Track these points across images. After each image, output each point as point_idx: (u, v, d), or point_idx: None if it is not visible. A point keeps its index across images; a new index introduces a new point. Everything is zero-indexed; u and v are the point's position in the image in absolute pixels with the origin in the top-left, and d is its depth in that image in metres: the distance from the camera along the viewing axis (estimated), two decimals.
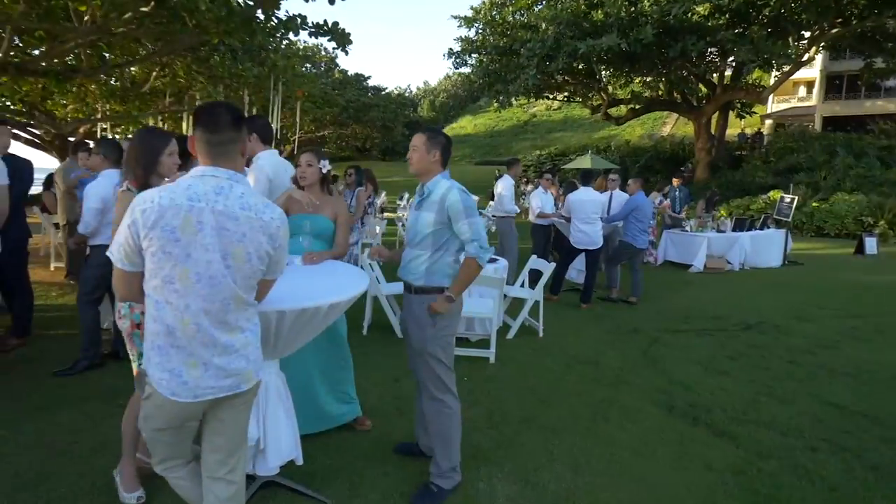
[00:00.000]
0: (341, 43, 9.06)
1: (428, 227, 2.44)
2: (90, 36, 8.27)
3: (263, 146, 3.47)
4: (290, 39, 14.86)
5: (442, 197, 2.41)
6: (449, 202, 2.38)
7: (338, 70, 37.59)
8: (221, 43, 10.21)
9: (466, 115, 52.95)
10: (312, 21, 9.03)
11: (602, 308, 6.25)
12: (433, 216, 2.43)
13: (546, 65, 17.25)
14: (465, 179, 20.22)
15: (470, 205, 2.39)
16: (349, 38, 9.07)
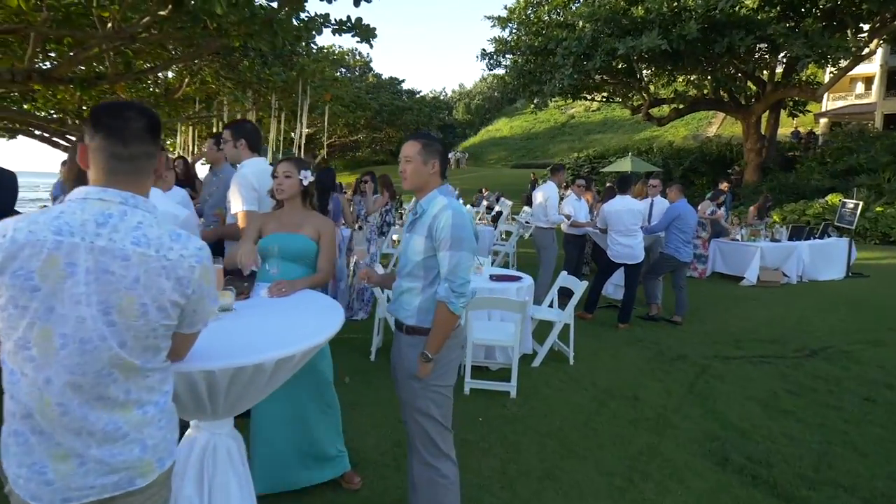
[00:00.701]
0: (365, 37, 8.70)
1: (419, 254, 2.00)
2: (112, 42, 8.22)
3: (251, 154, 3.11)
4: (316, 44, 14.75)
5: (434, 217, 1.96)
6: (438, 224, 1.95)
7: (372, 74, 37.71)
8: (248, 47, 10.01)
9: (502, 117, 52.27)
10: (335, 18, 8.78)
11: (642, 328, 5.62)
12: (424, 240, 1.98)
13: (583, 64, 16.50)
14: (501, 183, 19.75)
15: (461, 235, 1.94)
16: (374, 32, 8.71)
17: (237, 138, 3.02)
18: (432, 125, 37.37)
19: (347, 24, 8.75)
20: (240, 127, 3.13)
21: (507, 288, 4.12)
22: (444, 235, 1.93)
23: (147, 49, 10.22)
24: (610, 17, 15.63)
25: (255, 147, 3.09)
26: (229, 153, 3.09)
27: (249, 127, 3.13)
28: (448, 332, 1.99)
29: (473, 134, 50.59)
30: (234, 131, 3.05)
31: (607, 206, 5.78)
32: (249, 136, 3.05)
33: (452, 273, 1.93)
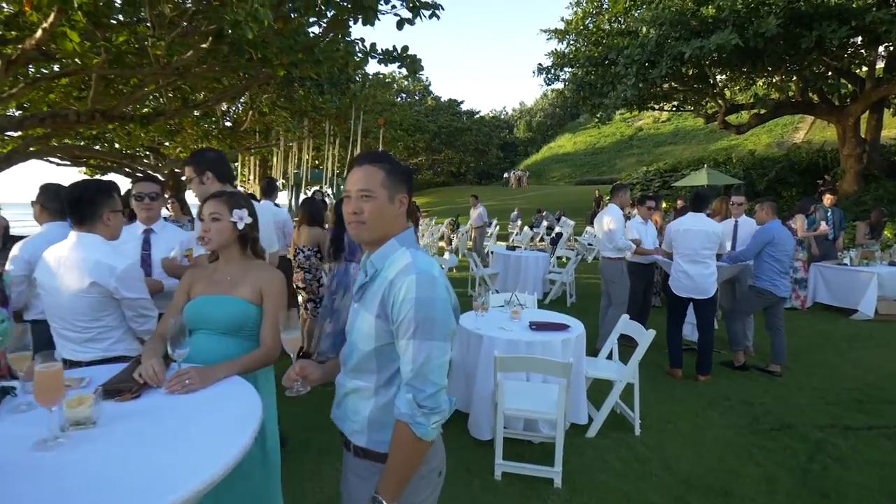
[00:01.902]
0: (412, 69, 8.51)
1: (368, 341, 1.34)
2: (164, 77, 8.34)
3: (221, 185, 2.59)
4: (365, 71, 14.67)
5: (390, 283, 1.30)
6: (396, 296, 1.29)
7: (431, 97, 37.93)
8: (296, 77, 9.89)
9: (565, 133, 50.89)
10: (381, 48, 8.60)
11: (728, 381, 4.58)
12: (375, 320, 1.33)
13: (647, 72, 15.35)
14: (564, 201, 18.77)
15: (431, 315, 1.26)
16: (420, 64, 8.48)
17: (201, 172, 2.52)
18: (492, 144, 36.90)
19: (394, 53, 8.51)
20: (200, 158, 2.62)
21: (551, 341, 3.33)
22: (404, 315, 1.26)
23: (201, 83, 10.44)
24: (676, 19, 14.48)
25: (224, 177, 2.57)
26: (196, 190, 2.59)
27: (212, 156, 2.62)
28: (414, 465, 1.30)
29: (535, 151, 49.55)
30: (195, 164, 2.56)
31: (674, 224, 4.86)
32: (213, 165, 2.54)
33: (419, 376, 1.25)
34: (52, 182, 3.09)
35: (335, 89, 14.23)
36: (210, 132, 13.87)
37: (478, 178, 44.78)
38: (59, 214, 2.80)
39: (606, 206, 5.56)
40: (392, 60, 8.60)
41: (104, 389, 1.54)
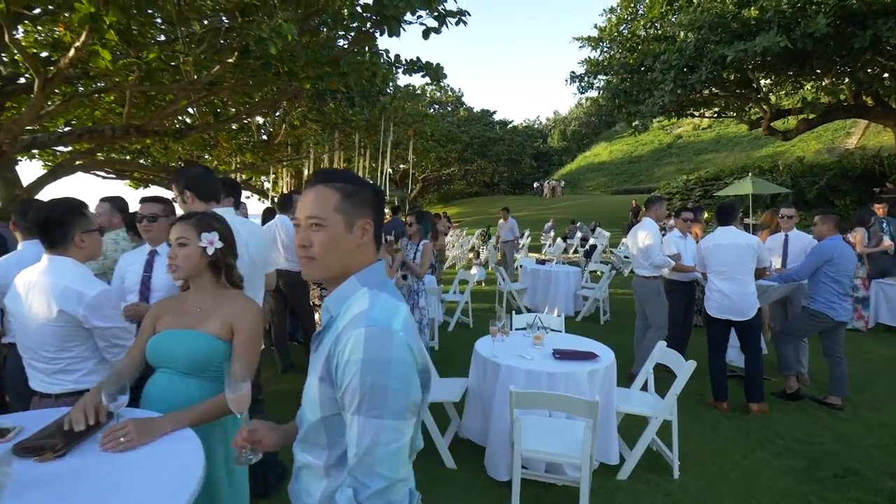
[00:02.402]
0: (435, 78, 8.44)
1: (314, 407, 1.09)
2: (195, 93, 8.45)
3: (205, 204, 2.41)
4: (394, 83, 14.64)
5: (337, 337, 1.05)
6: (341, 355, 1.02)
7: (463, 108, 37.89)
8: (321, 89, 9.91)
9: (601, 141, 49.95)
10: (405, 59, 8.59)
11: (780, 415, 4.11)
12: (319, 384, 1.08)
13: (686, 77, 14.76)
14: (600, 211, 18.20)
15: (383, 382, 0.98)
16: (443, 72, 8.40)
17: (181, 191, 2.35)
18: (525, 154, 36.48)
19: (417, 63, 8.48)
20: (180, 176, 2.46)
21: (576, 372, 3.01)
22: (348, 381, 1.00)
23: (233, 98, 10.58)
24: (716, 22, 13.88)
25: (207, 195, 2.39)
26: (182, 210, 2.42)
27: (192, 173, 2.44)
28: None
29: (570, 161, 48.79)
30: (176, 182, 2.41)
31: (704, 241, 4.46)
32: (192, 183, 2.36)
33: (363, 464, 0.98)
34: (29, 199, 3.00)
35: (366, 102, 14.29)
36: (244, 146, 14.09)
37: (511, 187, 44.34)
38: (32, 233, 2.68)
39: (642, 219, 5.18)
40: (416, 70, 8.53)
41: (21, 447, 1.33)
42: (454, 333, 6.63)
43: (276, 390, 4.62)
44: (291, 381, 4.86)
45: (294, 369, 5.09)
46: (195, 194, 2.35)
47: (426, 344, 4.84)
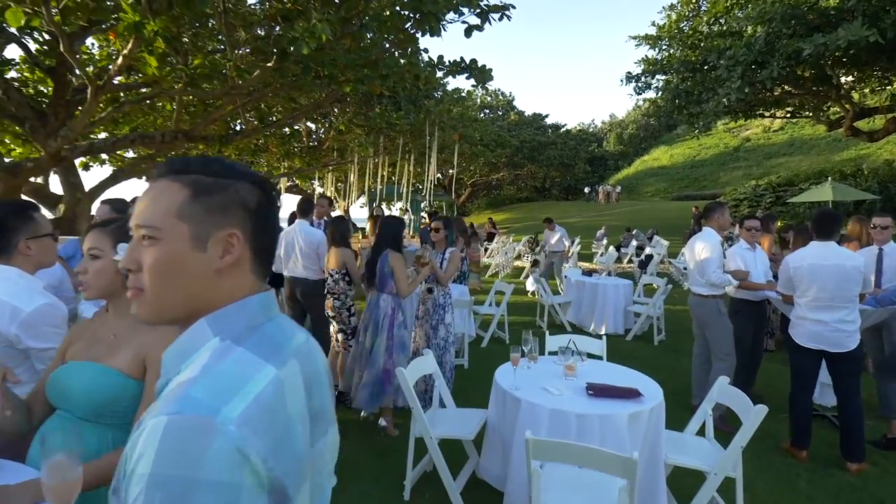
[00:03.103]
0: (481, 79, 8.04)
1: None
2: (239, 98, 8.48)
3: None
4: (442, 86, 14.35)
5: (138, 424, 0.65)
6: (128, 461, 0.62)
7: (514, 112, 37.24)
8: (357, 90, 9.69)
9: (660, 145, 47.78)
10: (448, 60, 8.23)
11: (878, 471, 3.37)
12: (111, 496, 0.66)
13: (754, 74, 13.59)
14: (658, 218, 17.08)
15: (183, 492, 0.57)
16: (489, 74, 7.98)
17: None
18: (579, 158, 35.35)
19: (461, 65, 8.12)
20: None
21: (612, 415, 2.49)
22: (131, 493, 0.59)
23: (277, 103, 10.63)
24: (789, 13, 12.67)
25: None
26: None
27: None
28: None
29: (627, 165, 46.96)
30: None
31: (792, 258, 3.68)
32: None
33: None
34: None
35: (412, 106, 14.10)
36: (292, 151, 14.24)
37: (563, 193, 43.15)
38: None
39: (702, 228, 4.52)
40: (460, 71, 8.15)
41: None
42: (488, 349, 6.16)
43: None
44: None
45: None
46: None
47: (450, 363, 4.39)
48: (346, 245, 4.23)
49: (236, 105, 9.33)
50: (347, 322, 4.28)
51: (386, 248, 3.82)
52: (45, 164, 8.65)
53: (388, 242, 3.85)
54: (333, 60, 7.42)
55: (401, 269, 3.76)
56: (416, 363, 3.23)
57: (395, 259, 3.78)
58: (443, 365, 4.38)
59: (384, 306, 3.80)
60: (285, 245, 4.61)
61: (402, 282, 3.74)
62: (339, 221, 4.43)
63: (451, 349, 4.47)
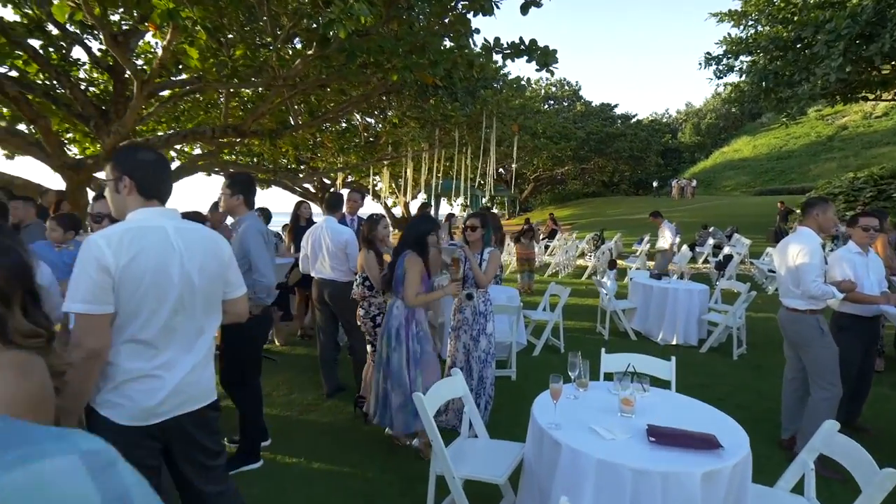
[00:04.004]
0: (543, 62, 7.36)
1: None
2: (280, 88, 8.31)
3: (145, 201, 1.79)
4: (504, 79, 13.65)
5: None
6: None
7: (581, 103, 35.67)
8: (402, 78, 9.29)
9: (742, 135, 44.26)
10: (506, 42, 7.59)
11: None
12: None
13: (860, 49, 11.88)
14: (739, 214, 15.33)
15: None
16: (553, 56, 7.30)
17: (119, 176, 1.79)
18: (651, 151, 33.32)
19: (520, 46, 7.47)
20: (125, 155, 1.85)
21: (682, 473, 1.88)
22: None
23: (327, 96, 10.44)
24: None
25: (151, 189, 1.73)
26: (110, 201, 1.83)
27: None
28: None
29: (704, 157, 43.88)
30: (116, 163, 1.82)
31: None
32: (138, 169, 1.76)
33: None
34: None
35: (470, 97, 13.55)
36: (347, 146, 14.15)
37: (633, 187, 40.97)
38: None
39: (793, 229, 3.69)
40: (518, 54, 7.49)
41: None
42: (541, 359, 5.56)
43: (311, 420, 3.98)
44: (336, 408, 4.20)
45: (342, 394, 4.44)
46: (137, 184, 1.75)
47: (490, 378, 3.86)
48: (372, 246, 3.81)
49: (284, 98, 9.21)
50: (372, 333, 3.85)
51: (406, 249, 3.35)
52: (102, 161, 8.96)
53: (410, 243, 3.37)
54: (380, 47, 7.06)
55: (414, 274, 3.26)
56: (442, 386, 2.73)
57: (411, 262, 3.27)
58: (483, 381, 3.87)
59: (397, 314, 3.32)
60: (312, 243, 4.26)
61: (410, 289, 3.24)
62: (369, 220, 4.02)
63: (492, 362, 3.94)
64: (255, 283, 2.96)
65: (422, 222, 3.48)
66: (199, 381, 1.85)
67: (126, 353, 1.70)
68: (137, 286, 1.67)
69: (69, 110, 8.56)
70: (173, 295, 1.74)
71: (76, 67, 9.61)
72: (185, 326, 1.79)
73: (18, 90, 7.72)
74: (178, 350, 1.78)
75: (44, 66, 8.05)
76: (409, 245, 3.35)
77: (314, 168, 17.55)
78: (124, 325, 1.69)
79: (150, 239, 1.72)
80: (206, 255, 1.87)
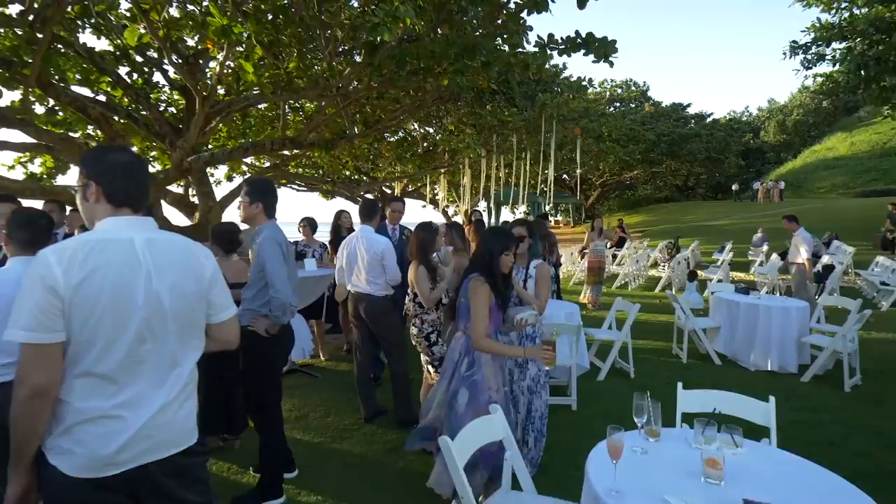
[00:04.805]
0: (602, 54, 6.75)
1: None
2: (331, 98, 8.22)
3: (113, 209, 1.51)
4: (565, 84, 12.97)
5: None
6: None
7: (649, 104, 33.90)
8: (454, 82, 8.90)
9: (837, 131, 40.30)
10: (561, 37, 7.06)
11: None
12: None
13: None
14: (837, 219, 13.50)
15: None
16: (613, 47, 6.70)
17: (85, 182, 1.54)
18: (730, 151, 31.01)
19: (577, 40, 6.91)
20: (93, 158, 1.59)
21: None
22: None
23: (382, 105, 10.33)
24: None
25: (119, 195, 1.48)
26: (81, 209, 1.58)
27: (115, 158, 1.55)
28: None
29: (791, 157, 40.31)
30: (84, 166, 1.59)
31: None
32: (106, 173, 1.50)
33: None
34: (25, 209, 2.47)
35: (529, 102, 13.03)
36: (403, 156, 14.04)
37: (710, 191, 38.27)
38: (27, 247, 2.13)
39: None
40: (576, 48, 6.92)
41: None
42: (606, 385, 4.92)
43: (344, 450, 3.61)
44: (372, 436, 3.82)
45: (381, 418, 4.06)
46: (104, 190, 1.48)
47: (541, 411, 3.31)
48: (424, 260, 3.39)
49: (338, 108, 9.16)
50: (430, 352, 3.43)
51: (474, 272, 2.77)
52: (172, 176, 9.29)
53: (479, 264, 2.78)
54: (431, 52, 6.78)
55: (480, 305, 2.67)
56: (476, 427, 2.26)
57: (476, 290, 2.70)
58: (531, 413, 3.33)
59: (455, 346, 2.85)
60: (347, 254, 3.93)
61: (478, 325, 2.59)
62: (423, 229, 3.59)
63: (545, 391, 3.40)
64: (271, 300, 2.65)
65: (495, 238, 2.82)
66: (173, 423, 1.52)
67: (80, 390, 1.40)
68: (92, 309, 1.38)
69: (148, 130, 8.99)
70: (137, 319, 1.45)
71: (157, 90, 10.15)
72: (154, 357, 1.49)
73: (101, 112, 8.16)
74: (146, 385, 1.48)
75: (127, 90, 8.49)
76: (477, 266, 2.78)
77: (374, 178, 17.65)
78: (78, 356, 1.40)
79: (111, 253, 1.43)
80: (182, 271, 1.55)
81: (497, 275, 2.74)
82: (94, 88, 9.13)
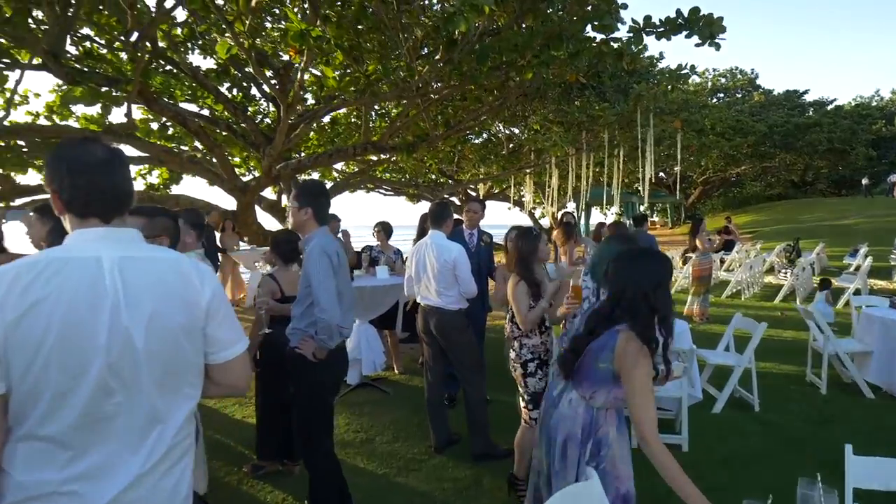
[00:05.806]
0: (707, 35, 6.01)
1: None
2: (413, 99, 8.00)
3: (80, 220, 1.17)
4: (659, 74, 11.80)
5: None
6: None
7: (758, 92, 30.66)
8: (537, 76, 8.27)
9: None
10: (659, 19, 6.33)
11: None
12: None
13: None
14: None
15: None
16: (720, 25, 5.95)
17: None
18: (857, 141, 27.26)
19: (678, 21, 6.16)
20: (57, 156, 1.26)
21: None
22: None
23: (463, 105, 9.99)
24: None
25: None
26: None
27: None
28: None
29: None
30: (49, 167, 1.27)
31: None
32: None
33: None
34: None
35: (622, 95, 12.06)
36: (487, 157, 13.63)
37: (833, 187, 33.88)
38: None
39: None
40: (677, 30, 6.15)
41: None
42: (724, 419, 4.13)
43: (409, 486, 3.20)
44: (441, 469, 3.38)
45: (453, 448, 3.62)
46: (63, 198, 1.19)
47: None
48: (523, 272, 2.87)
49: (419, 110, 8.96)
50: (524, 383, 2.88)
51: (623, 321, 1.83)
52: (263, 182, 9.60)
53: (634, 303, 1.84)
54: (514, 45, 6.31)
55: (642, 376, 1.75)
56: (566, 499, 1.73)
57: (635, 353, 1.75)
58: None
59: (566, 411, 1.97)
60: (416, 263, 3.54)
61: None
62: (522, 235, 2.99)
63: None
64: (317, 321, 2.32)
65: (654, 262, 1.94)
66: (152, 498, 1.16)
67: (23, 458, 1.07)
68: (35, 353, 1.04)
69: (245, 140, 9.38)
70: (98, 364, 1.09)
71: (254, 103, 10.65)
72: (125, 412, 1.13)
73: (200, 124, 8.60)
74: (116, 449, 1.12)
75: (227, 104, 8.90)
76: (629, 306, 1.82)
77: (458, 180, 17.40)
78: (21, 414, 1.07)
79: (66, 278, 1.09)
80: (165, 299, 1.18)
81: (650, 326, 1.78)
82: (199, 104, 9.83)
